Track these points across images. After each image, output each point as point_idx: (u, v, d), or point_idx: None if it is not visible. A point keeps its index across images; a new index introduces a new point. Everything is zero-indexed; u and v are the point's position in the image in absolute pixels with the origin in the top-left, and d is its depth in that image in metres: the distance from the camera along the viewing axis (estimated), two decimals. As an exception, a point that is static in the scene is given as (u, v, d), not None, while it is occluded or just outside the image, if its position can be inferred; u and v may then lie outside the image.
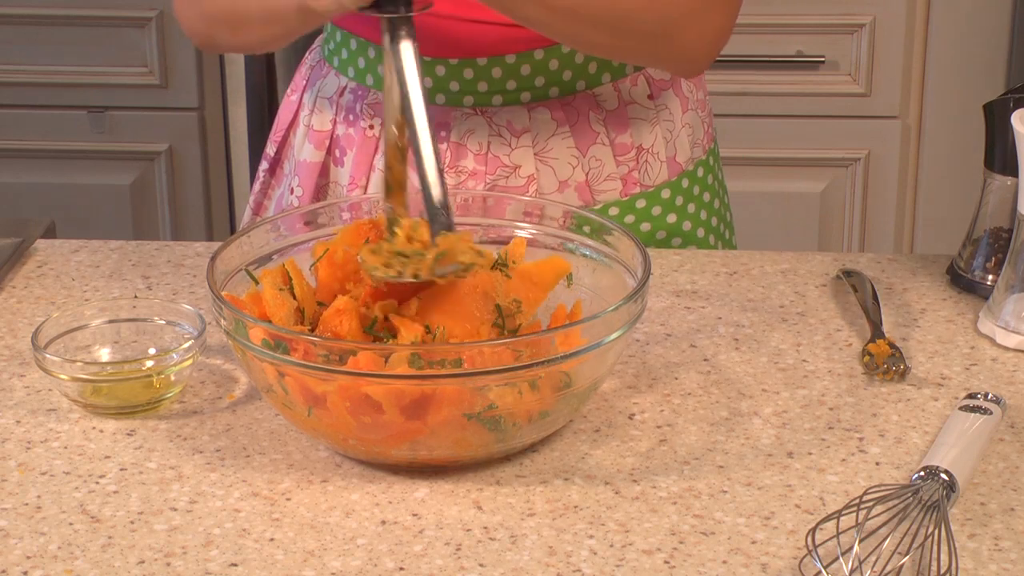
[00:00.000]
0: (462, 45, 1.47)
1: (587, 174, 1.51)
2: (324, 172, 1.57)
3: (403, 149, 1.26)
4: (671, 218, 1.56)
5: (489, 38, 1.47)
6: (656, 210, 1.55)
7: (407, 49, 1.23)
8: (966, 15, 2.71)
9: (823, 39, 2.73)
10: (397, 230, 1.22)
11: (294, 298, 1.23)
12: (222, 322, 1.17)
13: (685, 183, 1.57)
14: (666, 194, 1.55)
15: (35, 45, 2.77)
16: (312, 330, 1.22)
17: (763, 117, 2.77)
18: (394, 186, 1.27)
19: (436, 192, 1.20)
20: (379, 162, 1.52)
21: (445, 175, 1.23)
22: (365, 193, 1.52)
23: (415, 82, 1.22)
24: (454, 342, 1.17)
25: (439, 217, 1.20)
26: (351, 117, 1.54)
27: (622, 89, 1.52)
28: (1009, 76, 2.73)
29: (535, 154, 1.50)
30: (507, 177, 1.50)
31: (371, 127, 1.53)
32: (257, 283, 1.24)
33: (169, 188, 2.85)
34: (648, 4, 1.39)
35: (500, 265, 1.24)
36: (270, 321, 1.20)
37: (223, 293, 1.21)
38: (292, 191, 1.59)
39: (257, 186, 1.66)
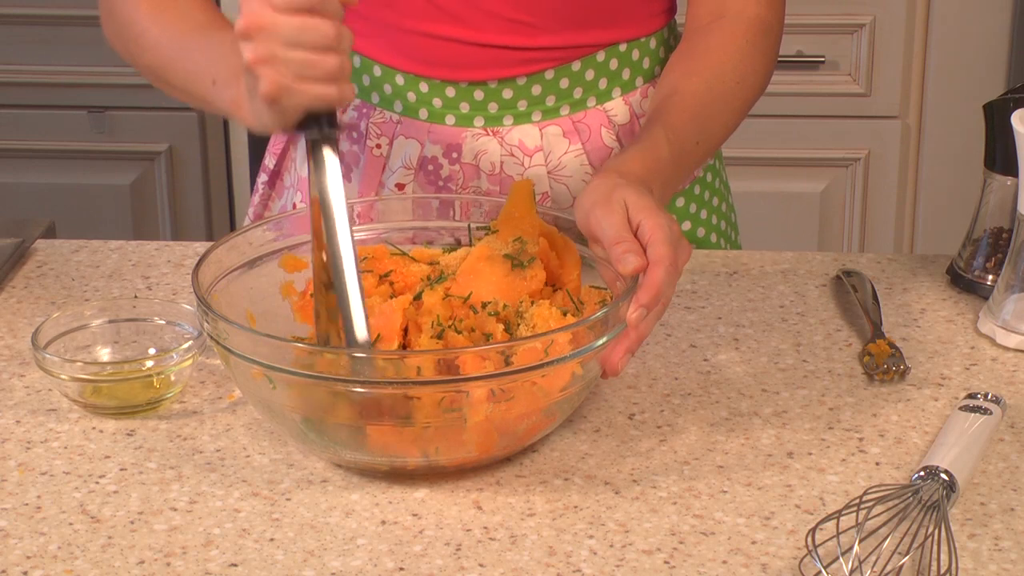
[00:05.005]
0: (471, 67, 1.45)
1: None
2: None
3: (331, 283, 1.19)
4: (686, 226, 1.55)
5: (499, 60, 1.45)
6: None
7: (333, 174, 1.17)
8: (966, 15, 2.71)
9: (823, 39, 2.73)
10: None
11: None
12: (206, 325, 1.16)
13: (697, 190, 1.56)
14: (680, 203, 1.54)
15: (35, 45, 2.77)
16: None
17: (763, 117, 2.76)
18: (325, 314, 1.19)
19: (360, 332, 1.14)
20: (388, 179, 1.51)
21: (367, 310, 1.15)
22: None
23: (342, 211, 1.16)
24: (444, 348, 1.17)
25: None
26: (355, 135, 1.51)
27: (633, 103, 1.50)
28: (1009, 76, 2.72)
29: (548, 172, 1.48)
30: None
31: (378, 146, 1.50)
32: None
33: (169, 188, 2.85)
34: (748, 102, 1.56)
35: (517, 264, 1.24)
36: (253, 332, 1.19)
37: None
38: (295, 207, 1.56)
39: (256, 198, 1.63)
